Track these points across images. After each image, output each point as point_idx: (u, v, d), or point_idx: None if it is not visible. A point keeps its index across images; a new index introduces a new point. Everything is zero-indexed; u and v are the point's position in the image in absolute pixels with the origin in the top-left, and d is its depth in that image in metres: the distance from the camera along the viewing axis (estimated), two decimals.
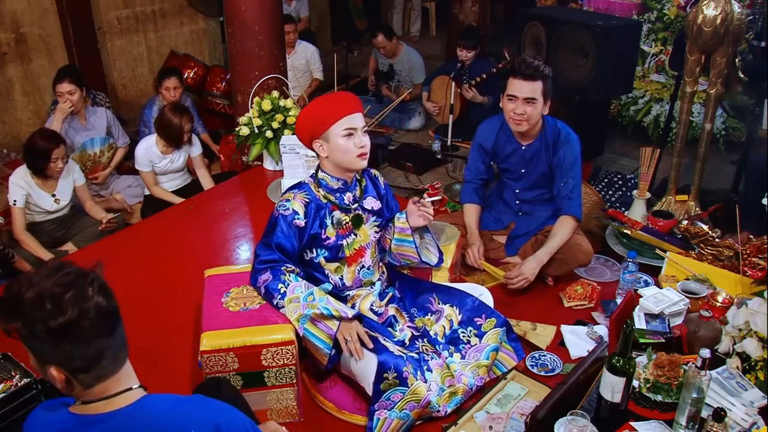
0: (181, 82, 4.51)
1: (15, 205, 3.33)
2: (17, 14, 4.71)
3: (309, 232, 2.14)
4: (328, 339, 2.03)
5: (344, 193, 2.19)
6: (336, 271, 2.23)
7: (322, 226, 2.16)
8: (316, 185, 2.19)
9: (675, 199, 3.54)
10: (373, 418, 1.99)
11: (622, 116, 5.00)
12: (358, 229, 2.23)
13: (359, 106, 2.14)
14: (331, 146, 2.10)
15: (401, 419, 2.01)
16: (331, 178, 2.17)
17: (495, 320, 2.27)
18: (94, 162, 4.15)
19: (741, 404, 1.74)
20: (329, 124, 2.07)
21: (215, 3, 5.82)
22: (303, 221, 2.12)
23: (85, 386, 1.23)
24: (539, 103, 2.66)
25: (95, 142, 4.12)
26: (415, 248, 2.28)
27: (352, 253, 2.22)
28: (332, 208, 2.17)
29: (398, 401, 1.99)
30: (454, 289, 2.38)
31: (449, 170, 4.47)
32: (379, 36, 5.29)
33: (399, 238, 2.29)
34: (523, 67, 2.63)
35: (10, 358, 2.14)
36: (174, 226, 3.38)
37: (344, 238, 2.20)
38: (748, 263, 2.51)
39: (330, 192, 2.18)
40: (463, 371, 2.19)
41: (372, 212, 2.26)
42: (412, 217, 2.26)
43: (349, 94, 2.19)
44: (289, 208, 2.12)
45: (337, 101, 2.12)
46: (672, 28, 4.94)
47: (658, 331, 2.07)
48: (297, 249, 2.15)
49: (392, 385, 1.98)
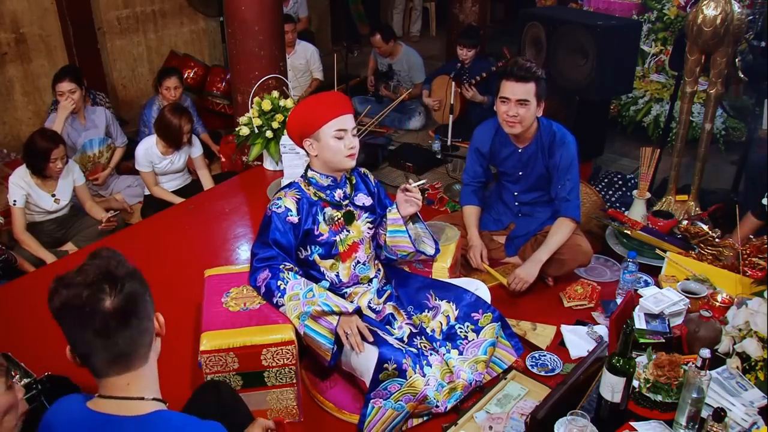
0: (181, 82, 4.51)
1: (15, 205, 3.33)
2: (17, 14, 4.71)
3: (303, 228, 2.16)
4: (329, 334, 2.04)
5: (334, 190, 2.22)
6: (331, 268, 2.24)
7: (315, 222, 2.19)
8: (306, 183, 2.22)
9: (675, 199, 3.54)
10: (368, 405, 2.00)
11: (622, 116, 5.00)
12: (351, 225, 2.25)
13: (350, 107, 2.17)
14: (322, 146, 2.13)
15: (395, 410, 2.02)
16: (321, 176, 2.21)
17: (491, 315, 2.28)
18: (93, 163, 4.15)
19: (741, 404, 1.74)
20: (320, 125, 2.10)
21: (215, 3, 5.82)
22: (296, 218, 2.14)
23: (94, 375, 1.25)
24: (532, 104, 2.65)
25: (94, 143, 4.13)
26: (409, 237, 2.28)
27: (345, 249, 2.24)
28: (323, 205, 2.20)
29: (395, 392, 2.00)
30: (450, 284, 2.38)
31: (449, 170, 4.47)
32: (377, 36, 5.28)
33: (392, 230, 2.30)
34: (515, 69, 2.63)
35: (11, 358, 2.14)
36: (174, 226, 3.38)
37: (337, 234, 2.22)
38: (748, 263, 2.52)
39: (320, 189, 2.20)
40: (462, 367, 2.20)
41: (364, 208, 2.29)
42: (402, 206, 2.28)
43: (340, 95, 2.22)
44: (282, 206, 2.14)
45: (329, 102, 2.14)
46: (672, 28, 4.94)
47: (658, 331, 2.07)
48: (294, 244, 2.16)
49: (391, 376, 1.99)
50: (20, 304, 2.73)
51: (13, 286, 2.91)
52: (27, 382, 2.03)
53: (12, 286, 2.92)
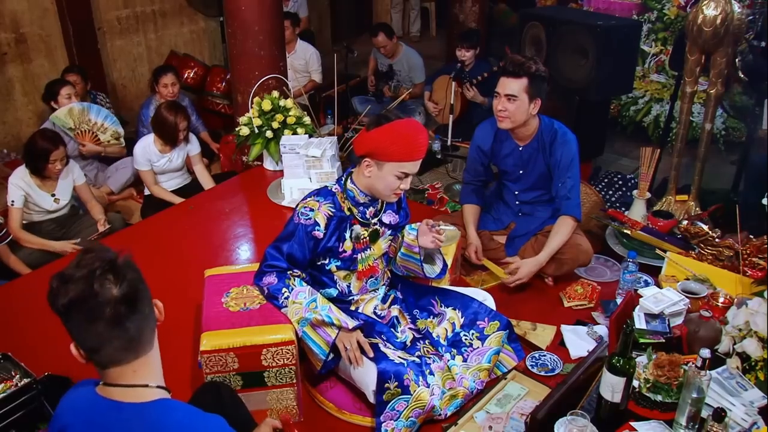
0: (178, 79, 4.51)
1: (13, 205, 3.32)
2: (17, 14, 4.71)
3: (325, 245, 2.12)
4: (324, 345, 2.04)
5: (368, 207, 2.17)
6: (345, 279, 2.22)
7: (341, 239, 2.13)
8: (342, 195, 2.14)
9: (675, 199, 3.54)
10: (381, 430, 1.98)
11: (622, 116, 5.00)
12: (374, 243, 2.21)
13: (424, 153, 2.08)
14: (380, 175, 2.06)
15: (408, 428, 2.00)
16: (360, 193, 2.13)
17: (498, 323, 2.27)
18: (90, 130, 4.06)
19: (741, 404, 1.74)
20: (393, 159, 2.02)
21: (215, 3, 5.81)
22: (322, 233, 2.09)
23: (100, 367, 1.27)
24: (521, 101, 2.62)
25: (102, 113, 4.07)
26: (420, 265, 2.27)
27: (364, 269, 2.20)
28: (353, 222, 2.15)
29: (403, 410, 1.98)
30: (456, 292, 2.38)
31: (449, 170, 4.47)
32: (380, 35, 5.28)
33: (405, 254, 2.29)
34: (508, 64, 2.62)
35: (10, 358, 2.14)
36: (174, 226, 3.38)
37: (359, 252, 2.18)
38: (748, 263, 2.51)
39: (355, 205, 2.15)
40: (465, 374, 2.19)
41: (389, 227, 2.25)
42: (422, 237, 2.24)
43: (426, 138, 2.09)
44: (312, 218, 2.08)
45: (415, 144, 2.03)
46: (672, 28, 4.95)
47: (658, 331, 2.07)
48: (308, 259, 2.13)
49: (395, 395, 1.97)
50: (20, 304, 2.72)
51: (13, 286, 2.91)
52: (27, 382, 2.03)
53: (12, 286, 2.92)
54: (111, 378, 1.27)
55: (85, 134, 4.05)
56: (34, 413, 2.05)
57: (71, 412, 1.31)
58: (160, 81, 4.40)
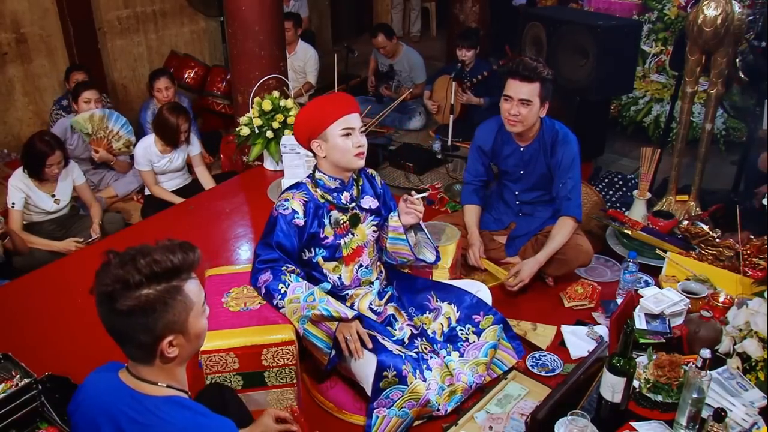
0: (173, 82, 4.47)
1: (13, 207, 3.32)
2: (18, 14, 4.71)
3: (308, 231, 2.14)
4: (327, 339, 2.04)
5: (341, 192, 2.20)
6: (334, 271, 2.23)
7: (321, 225, 2.16)
8: (313, 185, 2.19)
9: (675, 199, 3.54)
10: (372, 415, 1.99)
11: (623, 116, 4.99)
12: (356, 228, 2.23)
13: (356, 106, 2.15)
14: (330, 146, 2.11)
15: (400, 417, 2.01)
16: (329, 178, 2.18)
17: (492, 317, 2.28)
18: (106, 137, 4.03)
19: (741, 404, 1.74)
20: (327, 124, 2.08)
21: (215, 3, 5.81)
22: (302, 220, 2.12)
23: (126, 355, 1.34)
24: (534, 105, 2.64)
25: (121, 122, 4.04)
26: (409, 246, 2.27)
27: (349, 253, 2.23)
28: (330, 208, 2.18)
29: (397, 399, 1.99)
30: (451, 286, 2.38)
31: (449, 170, 4.47)
32: (380, 36, 5.28)
33: (393, 237, 2.29)
34: (520, 67, 2.62)
35: (11, 358, 2.14)
36: (174, 226, 3.38)
37: (342, 238, 2.20)
38: (749, 263, 2.51)
39: (327, 192, 2.18)
40: (462, 369, 2.19)
41: (370, 211, 2.26)
42: (402, 215, 2.25)
43: (345, 95, 2.20)
44: (288, 208, 2.12)
45: (335, 102, 2.13)
46: (672, 28, 4.95)
47: (659, 331, 2.07)
48: (297, 248, 2.15)
49: (391, 384, 1.98)
50: (20, 304, 2.73)
51: (13, 286, 2.90)
52: (27, 382, 2.03)
53: (12, 286, 2.91)
54: (135, 369, 1.34)
55: (101, 141, 4.05)
56: (34, 413, 2.05)
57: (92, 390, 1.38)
58: (154, 85, 4.39)
